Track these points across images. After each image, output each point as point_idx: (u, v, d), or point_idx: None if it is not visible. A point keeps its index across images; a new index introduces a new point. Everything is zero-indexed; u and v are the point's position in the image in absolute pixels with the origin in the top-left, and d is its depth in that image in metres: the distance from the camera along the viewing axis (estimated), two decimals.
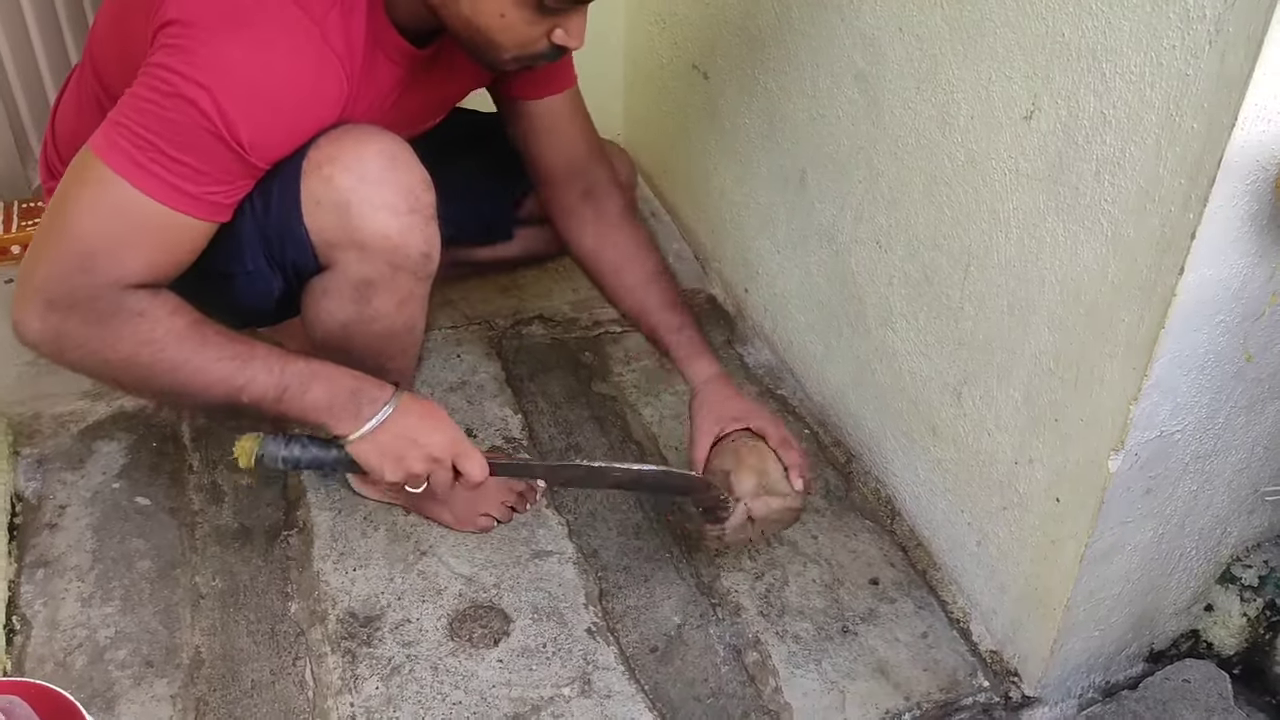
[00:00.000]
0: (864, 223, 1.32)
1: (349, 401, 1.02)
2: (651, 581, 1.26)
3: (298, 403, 1.00)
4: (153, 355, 0.96)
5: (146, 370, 0.96)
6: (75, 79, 1.17)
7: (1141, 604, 1.14)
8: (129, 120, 0.92)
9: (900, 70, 1.19)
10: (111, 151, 0.92)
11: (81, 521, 1.28)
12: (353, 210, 0.99)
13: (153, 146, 0.91)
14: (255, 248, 1.02)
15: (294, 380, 1.00)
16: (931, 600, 1.26)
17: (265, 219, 1.01)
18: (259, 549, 1.26)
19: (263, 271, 1.05)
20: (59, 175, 1.19)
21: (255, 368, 0.98)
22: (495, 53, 0.99)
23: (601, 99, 1.99)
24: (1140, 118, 0.89)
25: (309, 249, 1.02)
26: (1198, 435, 1.01)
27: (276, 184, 0.99)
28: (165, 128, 0.91)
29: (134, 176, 0.92)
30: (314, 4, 0.94)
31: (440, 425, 1.06)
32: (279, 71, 0.93)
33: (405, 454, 1.04)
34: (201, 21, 0.91)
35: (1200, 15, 0.81)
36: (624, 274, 1.28)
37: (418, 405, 1.06)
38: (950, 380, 1.21)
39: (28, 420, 1.40)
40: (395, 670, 1.14)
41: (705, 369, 1.25)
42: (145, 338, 0.95)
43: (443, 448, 1.05)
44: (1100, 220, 0.95)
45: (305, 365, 1.01)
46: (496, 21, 0.96)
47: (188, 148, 0.91)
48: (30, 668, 1.11)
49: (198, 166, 0.92)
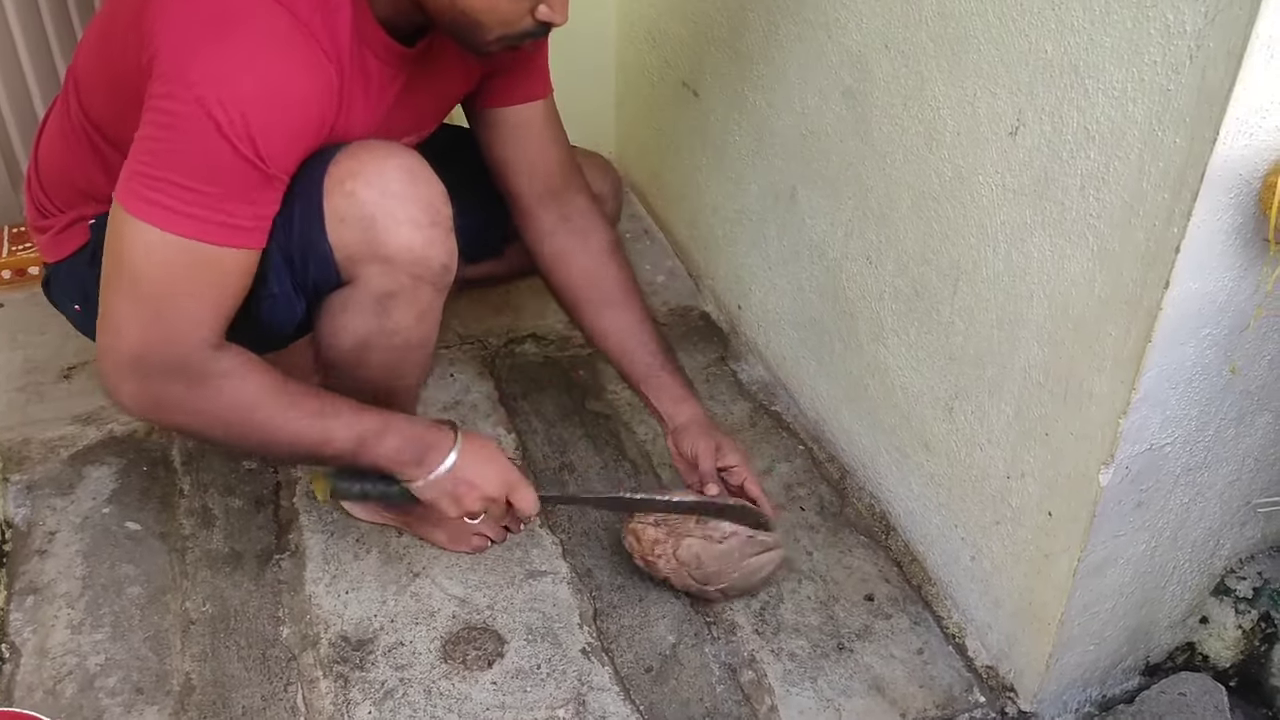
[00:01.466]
0: (854, 238, 1.32)
1: (418, 449, 1.08)
2: (646, 601, 1.26)
3: (373, 453, 1.06)
4: (245, 417, 1.01)
5: (240, 430, 1.02)
6: (57, 112, 1.16)
7: (1136, 617, 1.14)
8: (143, 165, 0.92)
9: (887, 87, 1.19)
10: (136, 203, 0.93)
11: (71, 547, 1.27)
12: (378, 224, 1.00)
13: (175, 185, 0.91)
14: (280, 271, 1.03)
15: (369, 433, 1.06)
16: (927, 616, 1.26)
17: (288, 240, 1.01)
18: (250, 573, 1.26)
19: (287, 294, 1.05)
20: (48, 214, 1.19)
21: (337, 424, 1.04)
22: (480, 33, 0.99)
23: (593, 116, 2.01)
24: (1123, 132, 0.89)
25: (332, 265, 1.03)
26: (1188, 448, 1.01)
27: (298, 203, 0.99)
28: (177, 161, 0.91)
29: (164, 221, 0.92)
30: (299, 6, 0.94)
31: (495, 465, 1.13)
32: (274, 73, 0.93)
33: (464, 495, 1.11)
34: (188, 41, 0.91)
35: (1181, 31, 0.82)
36: (614, 316, 1.28)
37: (476, 447, 1.12)
38: (942, 395, 1.21)
39: (17, 446, 1.40)
40: (388, 694, 1.14)
41: (690, 409, 1.26)
42: (236, 401, 1.00)
43: (498, 487, 1.12)
44: (1086, 235, 0.95)
45: (379, 416, 1.07)
46: (480, 2, 0.96)
47: (204, 174, 0.91)
48: (19, 696, 1.10)
49: (219, 191, 0.92)
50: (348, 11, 0.99)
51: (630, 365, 1.28)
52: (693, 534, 1.19)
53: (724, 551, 1.19)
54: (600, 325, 1.29)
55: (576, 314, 1.31)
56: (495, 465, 1.12)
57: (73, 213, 1.16)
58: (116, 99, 0.97)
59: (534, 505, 1.14)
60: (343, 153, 1.00)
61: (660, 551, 1.20)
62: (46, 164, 1.17)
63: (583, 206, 1.29)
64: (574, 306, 1.30)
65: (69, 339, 1.57)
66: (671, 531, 1.20)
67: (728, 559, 1.20)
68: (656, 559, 1.20)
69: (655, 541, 1.20)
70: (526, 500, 1.13)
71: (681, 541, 1.19)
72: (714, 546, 1.19)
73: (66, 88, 1.12)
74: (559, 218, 1.28)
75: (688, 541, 1.19)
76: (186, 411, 1.00)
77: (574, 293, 1.29)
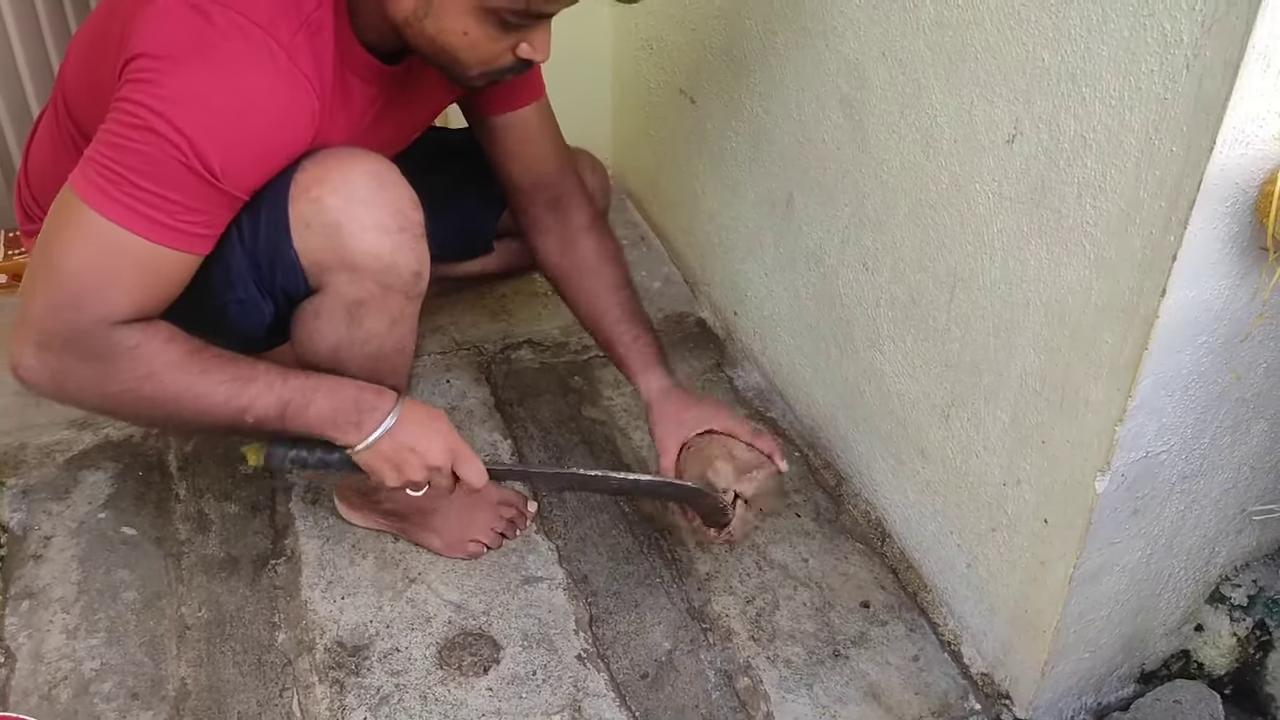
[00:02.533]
0: (851, 245, 1.32)
1: (352, 412, 1.03)
2: (642, 607, 1.26)
3: (301, 417, 1.02)
4: (153, 388, 0.97)
5: (148, 402, 0.98)
6: (47, 118, 1.16)
7: (1131, 625, 1.14)
8: (103, 156, 0.92)
9: (884, 95, 1.20)
10: (89, 188, 0.92)
11: (67, 552, 1.27)
12: (343, 231, 0.99)
13: (127, 181, 0.91)
14: (245, 275, 1.02)
15: (296, 395, 1.01)
16: (922, 623, 1.26)
17: (254, 245, 1.01)
18: (246, 578, 1.26)
19: (254, 299, 1.05)
20: (36, 218, 1.18)
21: (257, 387, 1.00)
22: (461, 69, 1.00)
23: (590, 123, 2.01)
24: (1120, 141, 0.89)
25: (299, 272, 1.02)
26: (1184, 455, 1.01)
27: (264, 209, 0.99)
28: (137, 161, 0.91)
29: (112, 212, 0.92)
30: (280, 28, 0.94)
31: (440, 432, 1.08)
32: (246, 97, 0.93)
33: (405, 461, 1.06)
34: (167, 53, 0.91)
35: (1178, 40, 0.82)
36: (584, 282, 1.29)
37: (419, 412, 1.08)
38: (938, 402, 1.21)
39: (13, 451, 1.40)
40: (384, 700, 1.13)
41: (657, 381, 1.25)
42: (144, 371, 0.96)
43: (442, 455, 1.07)
44: (1083, 243, 0.96)
45: (306, 379, 1.02)
46: (460, 39, 0.96)
47: (161, 180, 0.91)
48: (15, 701, 1.10)
49: (173, 198, 0.92)
50: (329, 33, 0.99)
51: (598, 335, 1.29)
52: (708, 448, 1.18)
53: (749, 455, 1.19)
54: (571, 297, 1.30)
55: (554, 281, 1.32)
56: (439, 433, 1.07)
57: None
58: (99, 104, 0.97)
59: (480, 477, 1.09)
60: (309, 160, 1.00)
61: None
62: (36, 168, 1.17)
63: (569, 188, 1.31)
64: (554, 282, 1.32)
65: None
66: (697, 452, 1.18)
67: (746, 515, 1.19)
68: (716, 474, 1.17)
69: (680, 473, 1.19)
70: (473, 472, 1.08)
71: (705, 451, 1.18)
72: None
73: (55, 94, 1.12)
74: (546, 202, 1.30)
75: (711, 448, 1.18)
76: (87, 386, 0.96)
77: (551, 269, 1.31)
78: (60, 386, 0.97)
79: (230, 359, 1.00)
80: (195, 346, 0.98)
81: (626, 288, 1.29)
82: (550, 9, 0.96)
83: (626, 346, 1.26)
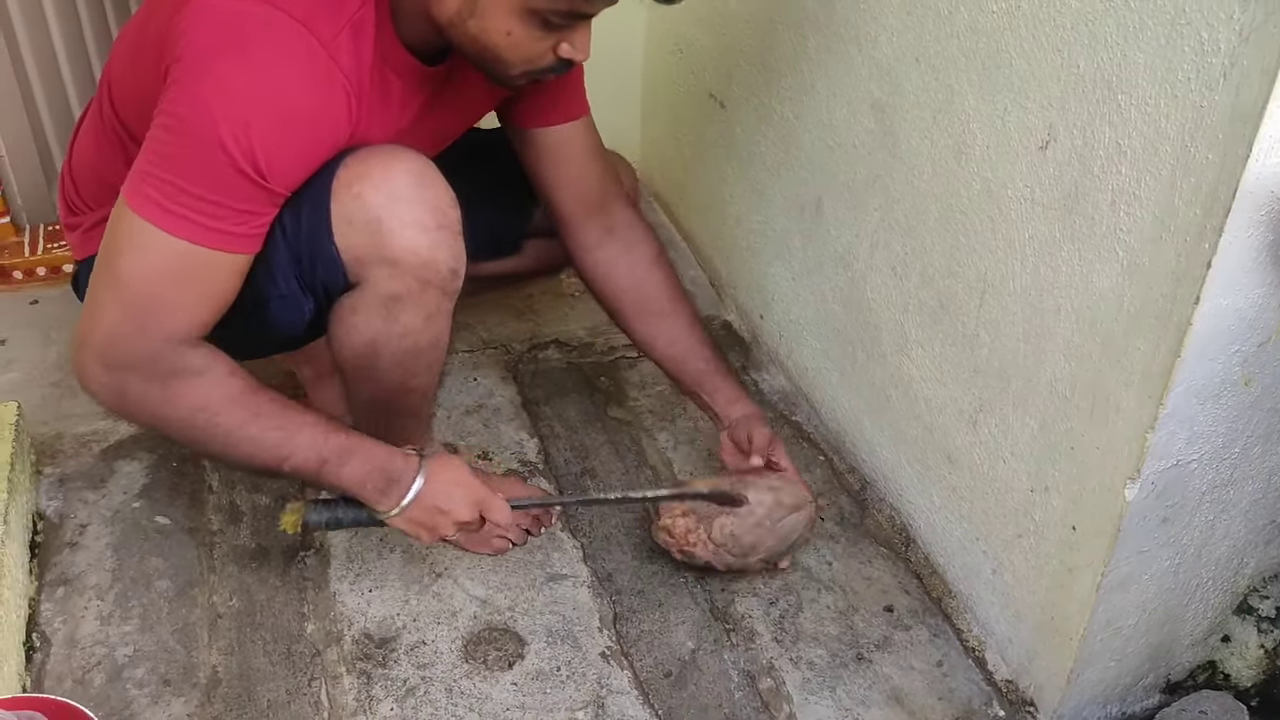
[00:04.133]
0: (879, 250, 1.33)
1: (380, 481, 1.08)
2: (666, 606, 1.26)
3: (334, 477, 1.06)
4: (207, 420, 1.00)
5: (200, 433, 1.01)
6: (92, 113, 1.18)
7: (1158, 634, 1.14)
8: (151, 166, 0.94)
9: (917, 100, 1.20)
10: (140, 201, 0.94)
11: (102, 540, 1.29)
12: (383, 227, 1.01)
13: (175, 188, 0.93)
14: (287, 271, 1.04)
15: (333, 456, 1.05)
16: (946, 628, 1.26)
17: (297, 240, 1.02)
18: (276, 569, 1.27)
19: (295, 294, 1.07)
20: (78, 211, 1.21)
21: (300, 440, 1.04)
22: (503, 68, 1.01)
23: (619, 126, 2.02)
24: (1156, 148, 0.90)
25: (340, 268, 1.04)
26: (1214, 464, 1.01)
27: (306, 205, 1.01)
28: (183, 167, 0.93)
29: (164, 222, 0.94)
30: (322, 27, 0.96)
31: (464, 486, 1.13)
32: (286, 96, 0.94)
33: (436, 524, 1.12)
34: (207, 52, 0.93)
35: (1215, 48, 0.82)
36: (663, 324, 1.31)
37: (442, 472, 1.12)
38: (966, 408, 1.21)
39: (50, 440, 1.42)
40: (410, 692, 1.15)
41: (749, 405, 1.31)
42: (201, 403, 0.99)
43: (469, 511, 1.13)
44: (1116, 250, 0.96)
45: (345, 439, 1.07)
46: (503, 39, 0.98)
47: (206, 183, 0.93)
48: (49, 685, 1.12)
49: (219, 200, 0.94)
50: (371, 32, 1.00)
51: (682, 372, 1.32)
52: (720, 514, 1.21)
53: (755, 522, 1.21)
54: (649, 333, 1.32)
55: (624, 324, 1.33)
56: (462, 487, 1.12)
57: (101, 211, 1.18)
58: (144, 102, 0.99)
59: (507, 517, 1.15)
60: (352, 156, 1.02)
61: (695, 539, 1.22)
62: (79, 163, 1.20)
63: (627, 219, 1.31)
64: (622, 316, 1.33)
65: None
66: (701, 518, 1.22)
67: (760, 528, 1.22)
68: (693, 546, 1.22)
69: (688, 530, 1.22)
70: (499, 514, 1.14)
71: (713, 523, 1.21)
72: (745, 520, 1.21)
73: (101, 89, 1.14)
74: (603, 230, 1.30)
75: (719, 522, 1.21)
76: (148, 408, 1.00)
77: (621, 303, 1.31)
78: (123, 403, 1.01)
79: (281, 405, 1.04)
80: (251, 386, 1.02)
81: (698, 321, 1.33)
82: (592, 10, 0.97)
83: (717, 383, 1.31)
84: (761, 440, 1.27)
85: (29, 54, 1.71)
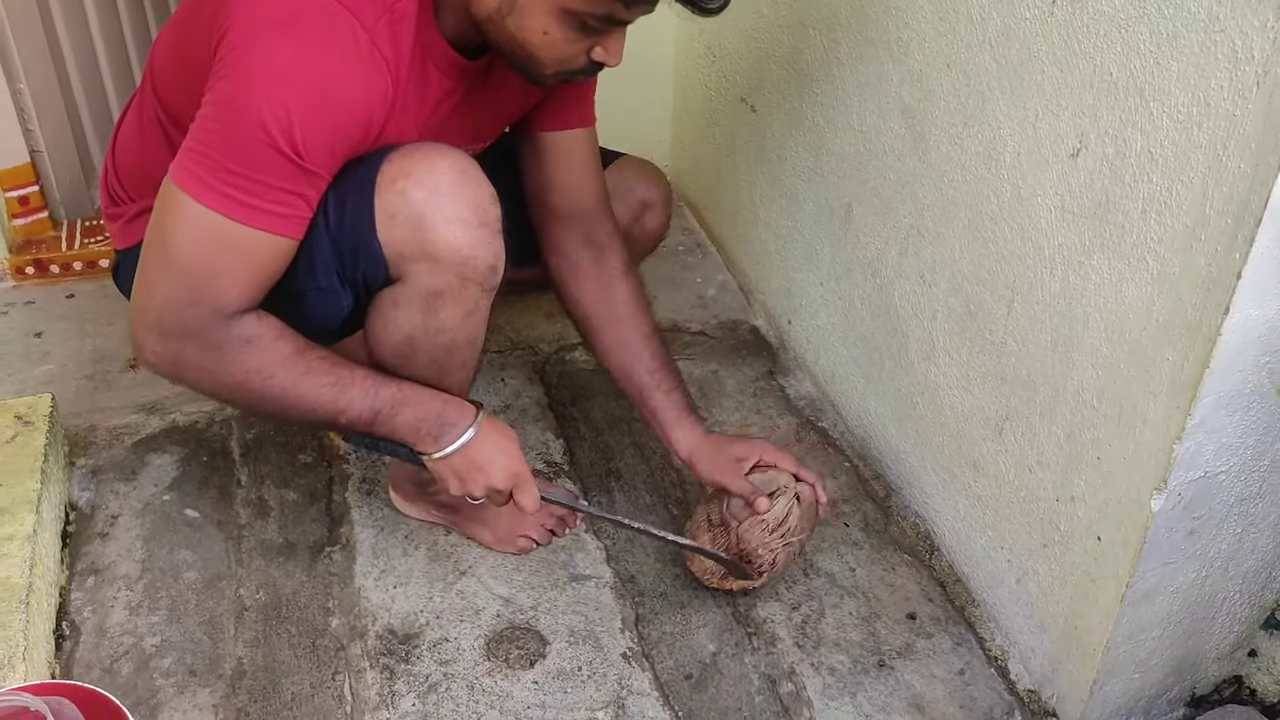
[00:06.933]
0: (908, 257, 1.32)
1: (434, 426, 1.10)
2: (688, 609, 1.27)
3: (388, 425, 1.09)
4: (262, 382, 1.03)
5: (256, 395, 1.04)
6: (136, 103, 1.20)
7: (1183, 647, 1.13)
8: (195, 143, 0.96)
9: (947, 106, 1.20)
10: (187, 178, 0.97)
11: (132, 532, 1.31)
12: (426, 223, 1.02)
13: (216, 164, 0.95)
14: (328, 264, 1.06)
15: (386, 405, 1.08)
16: (969, 637, 1.26)
17: (340, 234, 1.04)
18: (302, 564, 1.29)
19: (334, 288, 1.08)
20: (120, 201, 1.23)
21: (354, 393, 1.06)
22: (537, 67, 1.03)
23: (650, 130, 2.03)
24: (1187, 157, 0.89)
25: (381, 262, 1.05)
26: (1242, 477, 1.00)
27: (350, 199, 1.02)
28: (224, 143, 0.95)
29: (203, 196, 0.96)
30: (364, 11, 0.97)
31: (508, 455, 1.14)
32: (325, 75, 0.96)
33: (470, 478, 1.12)
34: (253, 33, 0.95)
35: (1249, 57, 0.82)
36: (618, 331, 1.29)
37: (494, 434, 1.13)
38: (992, 416, 1.21)
39: (84, 432, 1.44)
40: (432, 688, 1.15)
41: (693, 430, 1.28)
42: (254, 365, 1.02)
43: (504, 479, 1.13)
44: (1146, 259, 0.95)
45: (398, 389, 1.09)
46: (539, 39, 0.99)
47: (245, 159, 0.95)
48: (78, 673, 1.14)
49: (257, 178, 0.96)
50: (412, 23, 1.02)
51: (628, 384, 1.30)
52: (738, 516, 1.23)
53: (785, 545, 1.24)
54: (603, 343, 1.31)
55: (582, 329, 1.33)
56: (507, 456, 1.13)
57: (144, 201, 1.20)
58: (189, 90, 1.00)
59: (534, 505, 1.15)
60: (396, 152, 1.03)
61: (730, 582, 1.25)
62: (123, 153, 1.22)
63: (607, 233, 1.31)
64: (581, 323, 1.32)
65: None
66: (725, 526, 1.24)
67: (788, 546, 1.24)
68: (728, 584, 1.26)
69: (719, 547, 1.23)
70: (528, 499, 1.15)
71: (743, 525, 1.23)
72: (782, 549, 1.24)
73: (144, 80, 1.16)
74: (582, 237, 1.30)
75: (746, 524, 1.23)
76: (203, 374, 1.03)
77: (582, 310, 1.31)
78: (179, 372, 1.04)
79: (332, 362, 1.06)
80: (302, 346, 1.04)
81: (656, 336, 1.31)
82: (630, 16, 0.99)
83: (658, 400, 1.28)
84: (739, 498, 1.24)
85: (69, 51, 1.74)
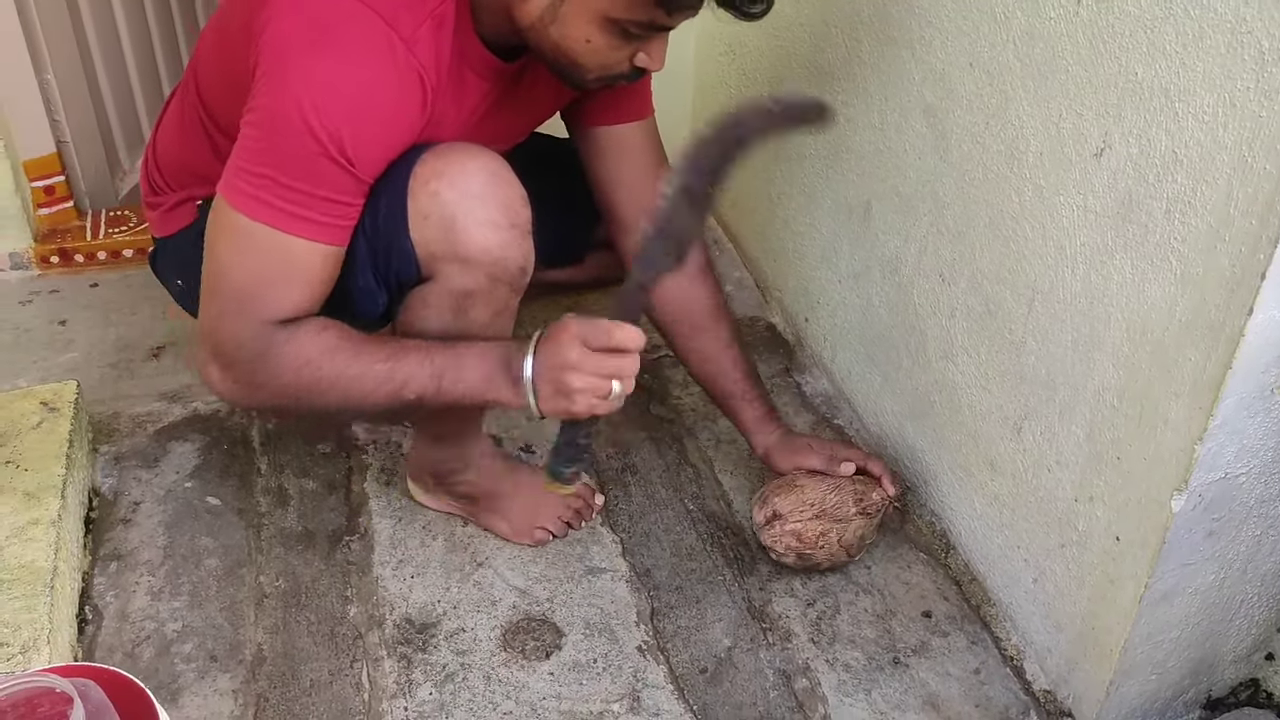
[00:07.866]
0: (928, 255, 1.32)
1: (503, 371, 1.02)
2: (703, 603, 1.27)
3: (456, 387, 1.03)
4: (312, 374, 1.01)
5: (313, 390, 1.02)
6: (178, 98, 1.22)
7: (1200, 649, 1.13)
8: (242, 162, 0.98)
9: (970, 105, 1.20)
10: (232, 194, 0.98)
11: (154, 518, 1.32)
12: (457, 224, 1.03)
13: (264, 178, 0.96)
14: (365, 264, 1.07)
15: (445, 369, 1.03)
16: (985, 636, 1.26)
17: (374, 234, 1.05)
18: (321, 552, 1.30)
19: (370, 288, 1.09)
20: (160, 191, 1.25)
21: (408, 365, 1.02)
22: (580, 74, 1.04)
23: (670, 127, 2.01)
24: (1212, 158, 0.89)
25: (413, 262, 1.06)
26: (1263, 479, 1.00)
27: (384, 200, 1.03)
28: (272, 158, 0.96)
29: (253, 210, 0.97)
30: (403, 22, 0.98)
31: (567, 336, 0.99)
32: (364, 85, 0.97)
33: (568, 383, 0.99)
34: (289, 46, 0.96)
35: (1275, 58, 0.82)
36: (699, 342, 1.32)
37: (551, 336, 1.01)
38: (1010, 415, 1.21)
39: (107, 419, 1.46)
40: (449, 677, 1.16)
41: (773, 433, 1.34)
42: (302, 360, 1.01)
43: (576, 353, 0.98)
44: (1169, 259, 0.95)
45: (449, 351, 1.03)
46: (583, 46, 1.00)
47: (295, 171, 0.96)
48: (100, 657, 1.15)
49: (308, 189, 0.97)
50: (450, 27, 1.02)
51: (714, 389, 1.34)
52: (853, 517, 1.26)
53: (876, 522, 1.30)
54: (687, 347, 1.34)
55: (664, 334, 1.35)
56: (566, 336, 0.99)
57: (183, 192, 1.22)
58: (229, 90, 1.02)
59: (626, 332, 0.98)
60: (429, 153, 1.04)
61: (824, 542, 1.26)
62: (164, 145, 1.24)
63: None
64: (662, 326, 1.34)
65: (159, 319, 1.64)
66: (834, 518, 1.26)
67: (870, 525, 1.30)
68: (818, 549, 1.27)
69: (821, 534, 1.26)
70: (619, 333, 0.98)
71: (849, 527, 1.26)
72: (872, 520, 1.29)
73: (187, 76, 1.18)
74: None
75: (854, 525, 1.26)
76: (261, 384, 1.02)
77: (662, 313, 1.32)
78: (246, 393, 1.04)
79: (379, 340, 1.04)
80: (346, 332, 1.03)
81: (736, 342, 1.34)
82: (672, 23, 0.99)
83: (741, 408, 1.34)
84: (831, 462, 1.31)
85: (95, 44, 1.76)
